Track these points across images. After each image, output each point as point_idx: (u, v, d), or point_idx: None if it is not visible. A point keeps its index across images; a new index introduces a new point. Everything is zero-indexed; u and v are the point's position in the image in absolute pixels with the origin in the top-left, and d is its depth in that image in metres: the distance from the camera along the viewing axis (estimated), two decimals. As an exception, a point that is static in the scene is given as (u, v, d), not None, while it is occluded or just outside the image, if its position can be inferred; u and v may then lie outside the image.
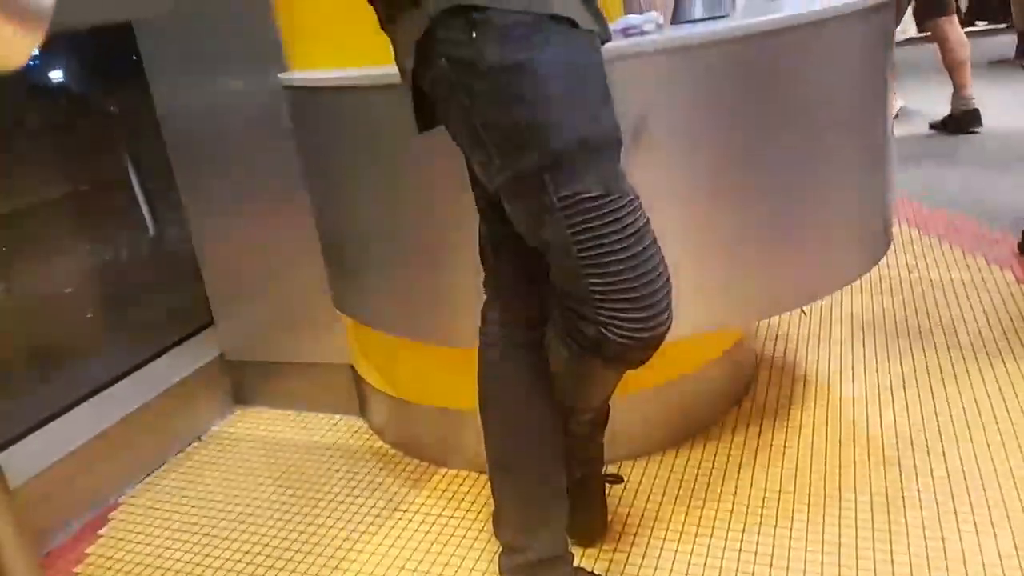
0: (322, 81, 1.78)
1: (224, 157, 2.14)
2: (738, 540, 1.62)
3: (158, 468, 2.17)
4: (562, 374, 1.27)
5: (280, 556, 1.75)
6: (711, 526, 1.67)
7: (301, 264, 2.13)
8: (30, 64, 0.66)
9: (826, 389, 2.11)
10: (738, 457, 1.87)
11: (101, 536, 1.91)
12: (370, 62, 1.64)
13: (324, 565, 1.70)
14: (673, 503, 1.75)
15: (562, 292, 1.14)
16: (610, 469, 1.73)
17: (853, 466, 1.78)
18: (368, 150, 1.73)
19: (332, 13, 1.82)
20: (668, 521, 1.70)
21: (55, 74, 2.39)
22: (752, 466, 1.84)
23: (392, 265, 1.79)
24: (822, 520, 1.63)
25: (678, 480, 1.82)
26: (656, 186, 1.41)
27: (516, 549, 1.43)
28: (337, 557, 1.72)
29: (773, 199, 1.59)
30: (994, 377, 2.05)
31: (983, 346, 2.21)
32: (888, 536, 1.57)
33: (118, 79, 2.46)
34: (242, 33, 1.99)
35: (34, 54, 0.64)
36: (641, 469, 1.87)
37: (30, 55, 0.63)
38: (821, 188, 1.64)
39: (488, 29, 1.03)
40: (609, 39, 1.23)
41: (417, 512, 1.84)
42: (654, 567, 1.58)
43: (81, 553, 1.86)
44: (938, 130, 4.48)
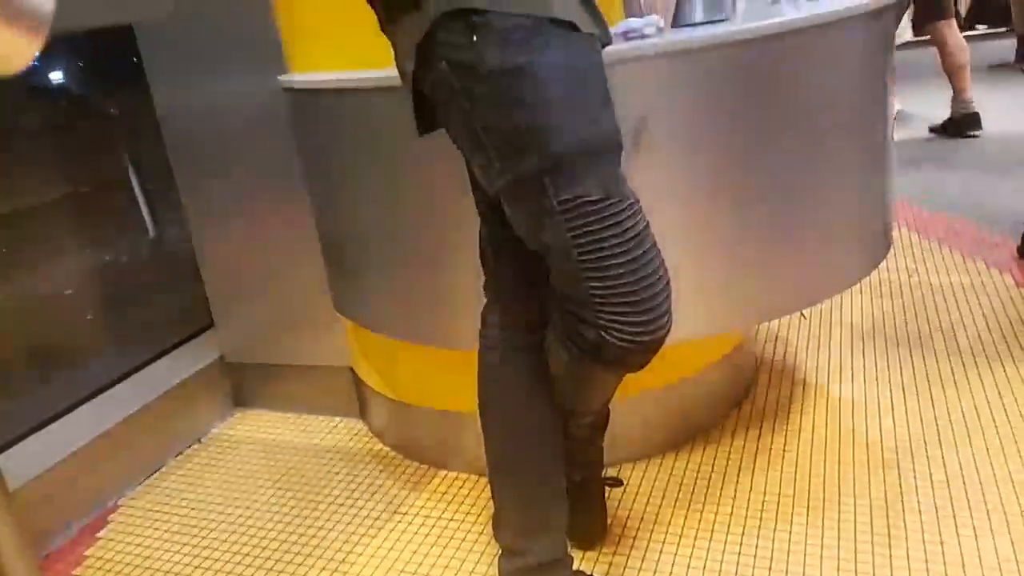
0: (322, 83, 1.78)
1: (224, 159, 2.14)
2: (737, 543, 1.62)
3: (158, 470, 2.16)
4: (562, 377, 1.28)
5: (280, 559, 1.75)
6: (711, 529, 1.67)
7: (301, 266, 2.13)
8: (30, 65, 0.65)
9: (826, 393, 2.11)
10: (738, 460, 1.87)
11: (100, 538, 1.91)
12: (370, 64, 1.64)
13: (324, 568, 1.70)
14: (673, 506, 1.75)
15: (562, 295, 1.14)
16: (610, 472, 1.73)
17: (852, 469, 1.78)
18: (368, 152, 1.73)
19: (332, 15, 1.82)
20: (668, 524, 1.70)
21: (55, 75, 2.39)
22: (752, 469, 1.84)
23: (392, 267, 1.79)
24: (821, 523, 1.63)
25: (678, 483, 1.82)
26: (656, 189, 1.41)
27: (516, 552, 1.43)
28: (337, 560, 1.72)
29: (773, 202, 1.59)
30: (993, 381, 2.05)
31: (983, 350, 2.21)
32: (887, 540, 1.57)
33: (118, 80, 2.46)
34: (242, 35, 1.99)
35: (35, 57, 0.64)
36: (641, 472, 1.87)
37: (32, 59, 0.63)
38: (821, 191, 1.64)
39: (488, 32, 1.03)
40: (609, 42, 1.23)
41: (417, 515, 1.84)
42: (653, 570, 1.58)
43: (80, 555, 1.86)
44: (938, 134, 4.48)
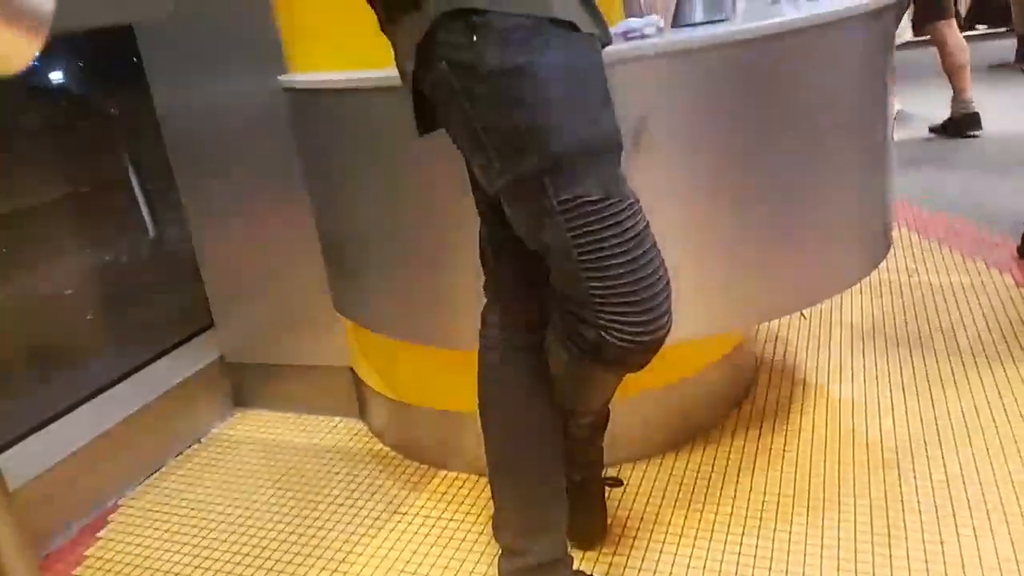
0: (322, 83, 1.78)
1: (224, 159, 2.14)
2: (737, 543, 1.62)
3: (158, 470, 2.17)
4: (562, 377, 1.28)
5: (279, 559, 1.75)
6: (711, 529, 1.67)
7: (301, 266, 2.13)
8: (30, 65, 0.65)
9: (826, 392, 2.11)
10: (738, 460, 1.87)
11: (100, 538, 1.91)
12: (370, 64, 1.64)
13: (324, 568, 1.70)
14: (672, 506, 1.75)
15: (562, 295, 1.14)
16: (610, 472, 1.73)
17: (852, 469, 1.78)
18: (368, 152, 1.73)
19: (332, 15, 1.82)
20: (667, 524, 1.70)
21: (55, 75, 2.39)
22: (752, 469, 1.84)
23: (392, 267, 1.79)
24: (821, 523, 1.64)
25: (677, 483, 1.82)
26: (656, 189, 1.41)
27: (516, 552, 1.43)
28: (337, 560, 1.72)
29: (773, 202, 1.59)
30: (993, 381, 2.05)
31: (982, 350, 2.21)
32: (887, 540, 1.57)
33: (118, 80, 2.46)
34: (242, 35, 1.99)
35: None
36: (641, 472, 1.87)
37: (31, 60, 0.63)
38: (821, 191, 1.64)
39: (488, 32, 1.03)
40: (609, 42, 1.23)
41: (417, 515, 1.84)
42: (653, 570, 1.58)
43: (80, 555, 1.86)
44: (938, 134, 4.48)
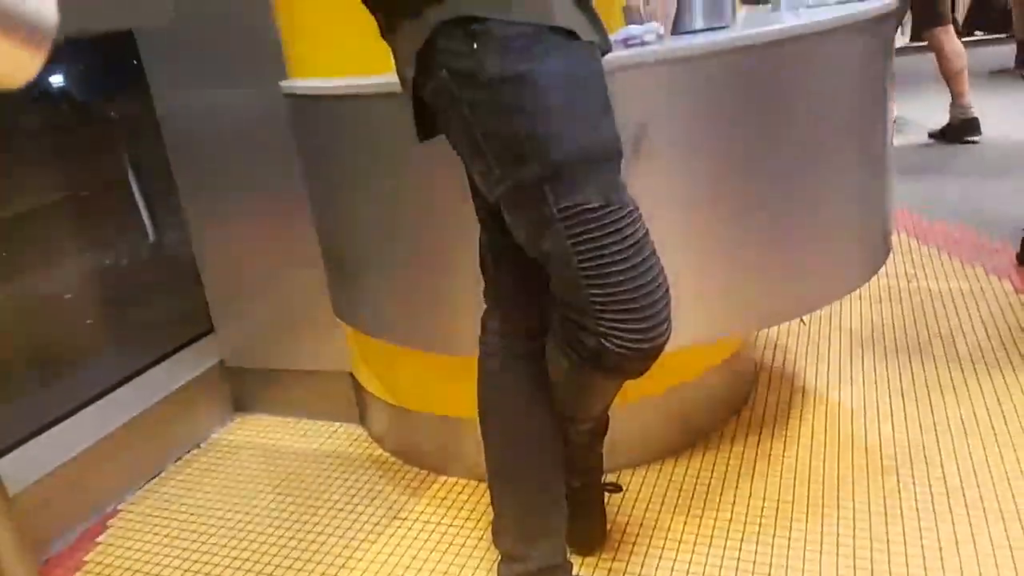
0: (323, 89, 1.78)
1: (225, 163, 2.15)
2: (737, 549, 1.62)
3: (157, 475, 2.16)
4: (562, 384, 1.28)
5: (279, 564, 1.75)
6: (710, 535, 1.67)
7: (301, 271, 2.13)
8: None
9: (825, 399, 2.11)
10: (737, 466, 1.88)
11: (99, 544, 1.91)
12: (371, 70, 1.64)
13: (323, 573, 1.70)
14: (672, 512, 1.75)
15: (562, 303, 1.14)
16: (609, 478, 1.73)
17: (852, 475, 1.79)
18: (368, 158, 1.73)
19: (333, 20, 1.82)
20: (667, 530, 1.70)
21: (56, 79, 2.39)
22: (751, 475, 1.84)
23: (392, 273, 1.79)
24: (820, 529, 1.64)
25: (677, 489, 1.82)
26: (656, 196, 1.42)
27: (515, 558, 1.43)
28: (336, 565, 1.72)
29: (773, 209, 1.59)
30: (992, 388, 2.06)
31: (982, 356, 2.22)
32: (886, 546, 1.57)
33: (119, 85, 2.46)
34: (243, 40, 1.99)
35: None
36: (640, 478, 1.87)
37: (36, 71, 0.63)
38: (821, 197, 1.65)
39: (489, 40, 1.03)
40: (609, 50, 1.23)
41: (416, 520, 1.84)
42: (653, 576, 1.58)
43: (79, 560, 1.86)
44: (937, 139, 4.49)
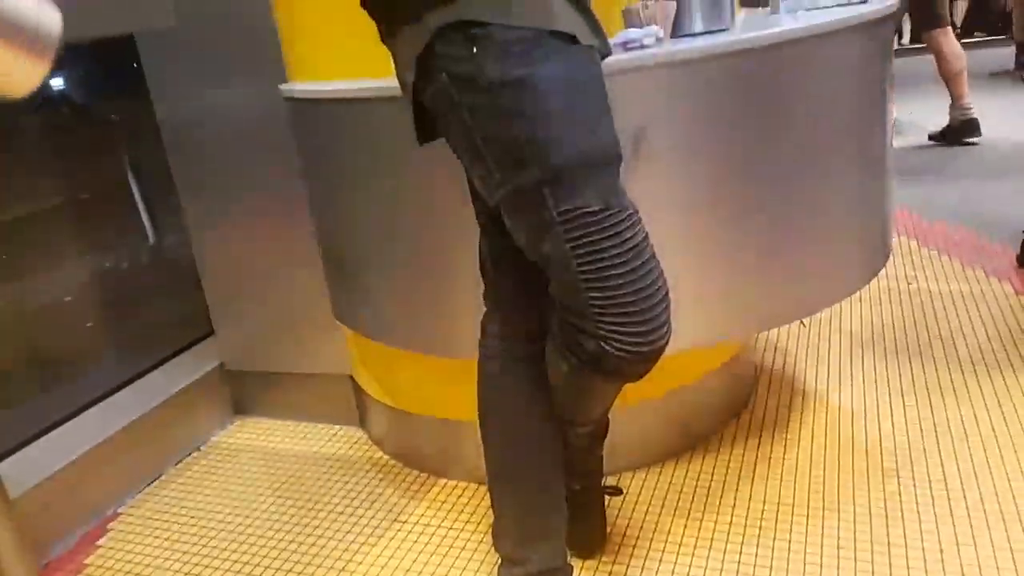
0: (323, 92, 1.78)
1: (224, 166, 2.15)
2: (737, 552, 1.62)
3: (157, 478, 2.16)
4: (561, 387, 1.28)
5: (279, 568, 1.75)
6: (710, 538, 1.67)
7: (301, 274, 2.13)
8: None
9: (825, 401, 2.11)
10: (737, 469, 1.88)
11: (100, 547, 1.91)
12: (371, 73, 1.64)
13: (323, 576, 1.71)
14: (672, 515, 1.75)
15: (562, 306, 1.14)
16: (609, 481, 1.73)
17: (852, 478, 1.79)
18: (368, 161, 1.73)
19: (333, 22, 1.83)
20: (667, 533, 1.70)
21: (56, 82, 2.39)
22: (751, 478, 1.84)
23: (392, 275, 1.79)
24: (821, 532, 1.64)
25: (677, 492, 1.82)
26: (656, 199, 1.42)
27: (515, 561, 1.43)
28: (336, 568, 1.72)
29: (772, 211, 1.59)
30: (992, 390, 2.06)
31: (982, 358, 2.22)
32: (887, 548, 1.57)
33: (118, 87, 2.47)
34: (243, 43, 1.99)
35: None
36: (640, 481, 1.87)
37: (39, 81, 0.64)
38: (820, 200, 1.65)
39: (489, 44, 1.04)
40: (609, 53, 1.24)
41: (416, 523, 1.84)
42: (653, 579, 1.58)
43: (80, 564, 1.86)
44: (937, 141, 4.49)
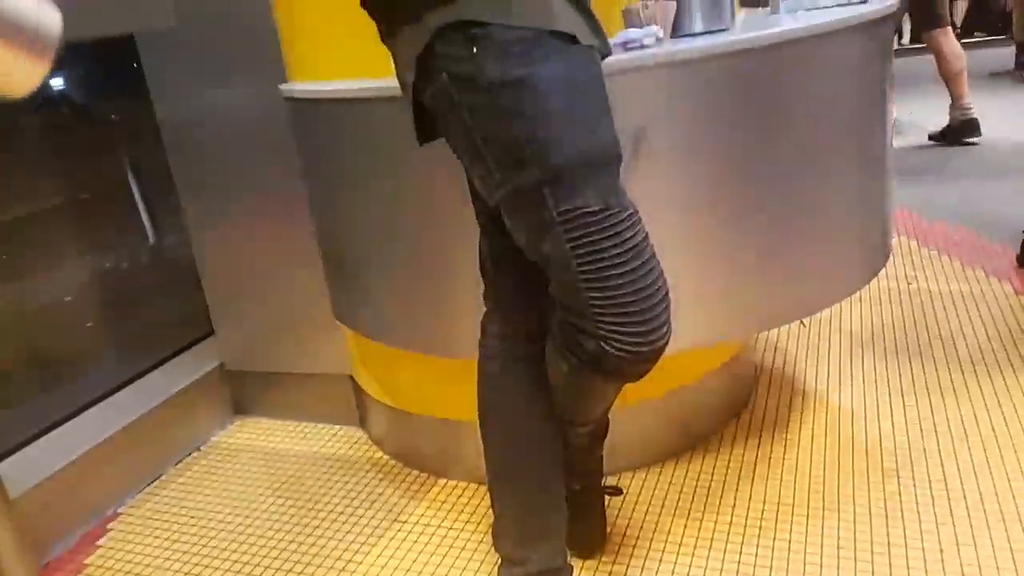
0: (323, 92, 1.78)
1: (224, 166, 2.15)
2: (737, 552, 1.62)
3: (157, 478, 2.16)
4: (561, 387, 1.28)
5: (279, 568, 1.75)
6: (710, 538, 1.67)
7: (301, 275, 2.13)
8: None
9: (825, 401, 2.11)
10: (737, 469, 1.88)
11: (100, 547, 1.91)
12: (371, 73, 1.64)
13: (323, 576, 1.71)
14: (672, 515, 1.75)
15: (562, 306, 1.14)
16: (609, 481, 1.73)
17: (852, 478, 1.79)
18: (368, 162, 1.73)
19: (333, 21, 1.83)
20: (667, 533, 1.70)
21: (56, 81, 2.39)
22: (751, 478, 1.84)
23: (392, 275, 1.79)
24: (821, 532, 1.64)
25: (677, 492, 1.82)
26: (656, 199, 1.42)
27: (515, 561, 1.43)
28: (336, 569, 1.72)
29: (772, 211, 1.59)
30: (993, 390, 2.06)
31: (982, 358, 2.22)
32: (887, 548, 1.57)
33: (118, 87, 2.47)
34: (243, 43, 1.99)
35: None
36: (640, 481, 1.87)
37: (39, 81, 0.64)
38: (820, 200, 1.65)
39: (489, 44, 1.04)
40: (609, 53, 1.24)
41: (417, 523, 1.84)
42: (653, 579, 1.58)
43: (80, 564, 1.86)
44: (937, 141, 4.49)
